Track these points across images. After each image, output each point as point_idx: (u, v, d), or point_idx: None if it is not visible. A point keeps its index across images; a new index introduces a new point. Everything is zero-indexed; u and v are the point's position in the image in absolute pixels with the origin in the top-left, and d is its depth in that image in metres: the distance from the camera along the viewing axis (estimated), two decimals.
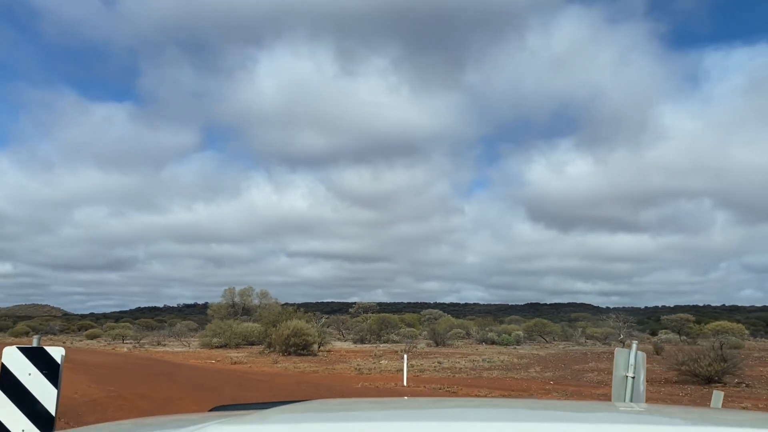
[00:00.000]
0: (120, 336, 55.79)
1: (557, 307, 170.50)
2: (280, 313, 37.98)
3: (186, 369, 26.08)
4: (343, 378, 22.68)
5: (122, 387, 18.70)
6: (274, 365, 28.37)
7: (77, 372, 23.68)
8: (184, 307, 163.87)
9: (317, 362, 30.29)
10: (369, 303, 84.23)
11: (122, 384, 19.58)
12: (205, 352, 40.04)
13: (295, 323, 35.02)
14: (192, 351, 41.28)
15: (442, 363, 29.07)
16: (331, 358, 33.20)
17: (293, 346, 34.28)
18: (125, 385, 19.25)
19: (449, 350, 41.41)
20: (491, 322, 66.61)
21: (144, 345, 47.85)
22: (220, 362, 30.57)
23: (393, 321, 55.67)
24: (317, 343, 36.38)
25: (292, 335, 34.34)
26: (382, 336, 52.28)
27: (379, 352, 34.73)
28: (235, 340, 44.50)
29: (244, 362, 29.63)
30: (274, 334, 35.52)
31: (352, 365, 28.19)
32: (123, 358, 32.93)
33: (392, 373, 24.62)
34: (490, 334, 52.10)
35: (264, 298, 54.62)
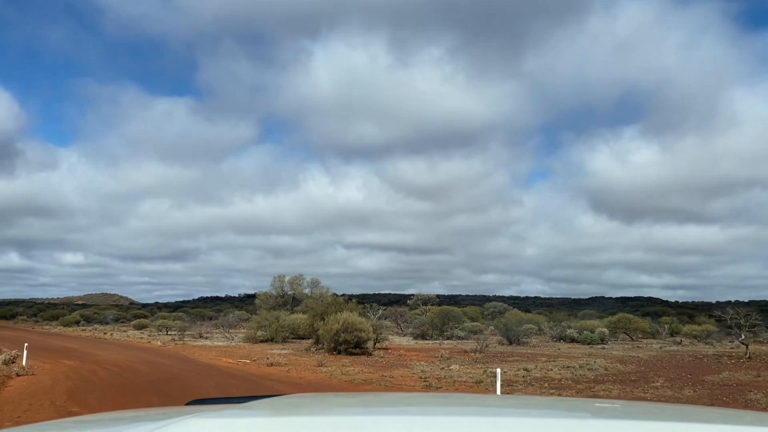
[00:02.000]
0: (164, 327, 50.98)
1: (623, 301, 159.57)
2: (330, 303, 31.76)
3: (204, 376, 20.05)
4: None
5: (93, 406, 12.77)
6: (317, 369, 22.13)
7: (67, 377, 17.97)
8: (245, 297, 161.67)
9: (372, 365, 23.91)
10: (428, 294, 77.64)
11: (96, 402, 13.61)
12: (246, 347, 34.29)
13: (345, 316, 28.75)
14: (233, 346, 35.64)
15: (530, 370, 22.19)
16: (388, 359, 26.76)
17: (343, 344, 28.02)
18: (100, 404, 13.29)
19: (527, 350, 34.38)
20: (564, 317, 58.99)
21: (184, 338, 42.63)
22: (256, 362, 24.59)
23: (456, 314, 48.90)
24: (372, 340, 30.04)
25: (343, 330, 28.09)
26: (444, 331, 45.64)
27: (446, 353, 28.07)
28: (281, 333, 38.76)
29: (283, 364, 23.50)
30: (321, 329, 29.37)
31: (415, 371, 21.68)
32: (142, 355, 27.36)
33: (470, 386, 17.98)
34: (569, 330, 44.72)
35: (315, 287, 48.79)
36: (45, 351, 29.54)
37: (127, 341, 39.37)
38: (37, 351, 29.45)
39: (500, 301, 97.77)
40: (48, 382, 17.55)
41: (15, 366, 20.98)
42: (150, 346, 34.39)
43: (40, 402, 13.66)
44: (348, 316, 28.57)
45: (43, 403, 13.46)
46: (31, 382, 17.41)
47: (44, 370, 20.71)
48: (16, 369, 19.31)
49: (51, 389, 15.91)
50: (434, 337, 44.39)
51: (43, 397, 14.41)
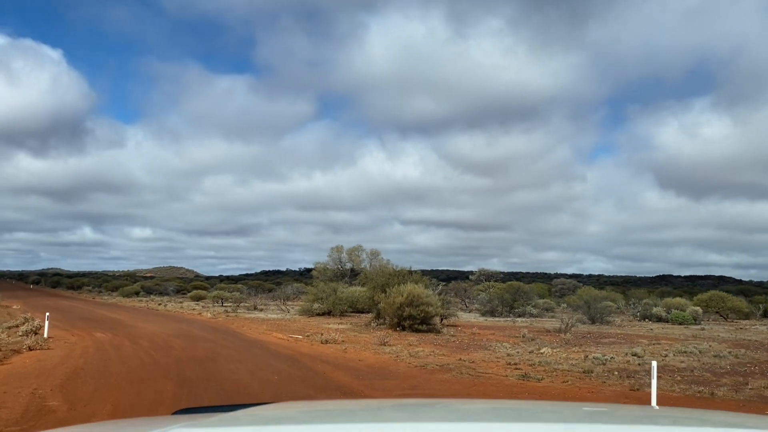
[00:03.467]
0: (218, 298, 48.34)
1: (692, 280, 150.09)
2: (392, 274, 27.78)
3: (244, 356, 16.39)
4: (503, 388, 11.99)
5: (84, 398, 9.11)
6: (379, 349, 18.19)
7: (83, 354, 14.60)
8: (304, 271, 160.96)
9: (443, 345, 19.83)
10: (492, 270, 72.89)
11: (91, 392, 9.97)
12: (300, 321, 30.80)
13: (410, 288, 24.71)
14: (287, 319, 32.25)
15: (641, 356, 17.60)
16: (460, 338, 22.60)
17: (408, 319, 24.01)
18: (93, 396, 9.63)
19: (615, 330, 29.57)
20: (644, 294, 53.42)
21: (238, 310, 39.63)
22: (309, 339, 20.90)
23: (527, 291, 44.24)
24: (440, 316, 25.92)
25: (407, 304, 24.07)
26: (515, 307, 41.11)
27: (528, 333, 23.68)
28: (339, 306, 35.12)
29: (340, 341, 19.68)
30: (383, 302, 25.43)
31: (498, 354, 17.46)
32: (185, 328, 24.11)
33: (578, 377, 13.62)
34: (655, 309, 39.48)
35: (375, 258, 44.97)
36: (85, 321, 26.76)
37: (177, 313, 36.63)
38: (77, 321, 26.71)
39: (555, 279, 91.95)
40: (56, 359, 14.22)
41: (35, 337, 17.92)
42: (198, 318, 31.37)
43: (19, 389, 10.15)
44: (413, 289, 24.53)
45: (22, 392, 9.95)
46: (38, 359, 14.12)
47: (65, 344, 17.54)
48: (29, 342, 16.11)
49: (51, 370, 12.50)
50: (504, 314, 39.96)
51: (30, 382, 10.96)
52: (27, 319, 22.88)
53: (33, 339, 17.32)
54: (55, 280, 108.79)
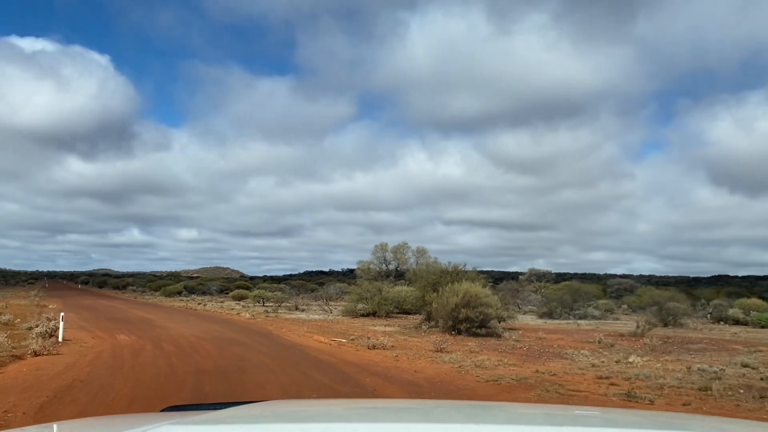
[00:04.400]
0: (259, 298, 46.26)
1: (751, 281, 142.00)
2: (444, 271, 24.94)
3: (280, 365, 13.85)
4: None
5: None
6: (437, 357, 15.44)
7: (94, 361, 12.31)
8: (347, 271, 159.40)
9: (509, 353, 16.96)
10: (543, 270, 69.18)
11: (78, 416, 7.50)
12: (344, 322, 28.26)
13: (466, 287, 21.88)
14: (330, 320, 29.77)
15: (753, 366, 14.36)
16: (526, 343, 19.65)
17: (465, 322, 21.17)
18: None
19: (695, 334, 26.06)
20: (713, 294, 49.20)
21: (278, 310, 37.38)
22: (354, 343, 18.31)
23: (587, 291, 40.75)
24: (499, 318, 22.97)
25: (463, 305, 21.22)
26: (575, 309, 37.75)
27: (603, 337, 20.55)
28: (385, 307, 32.47)
29: (389, 346, 17.00)
30: (435, 302, 22.65)
31: (580, 365, 14.50)
32: (219, 330, 21.79)
33: (694, 396, 10.59)
34: (731, 310, 35.60)
35: (421, 256, 42.16)
36: (113, 322, 24.79)
37: (214, 313, 34.57)
38: (105, 322, 24.75)
39: (610, 279, 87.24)
40: (59, 367, 11.95)
41: (50, 340, 15.81)
42: (236, 319, 29.15)
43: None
44: (470, 287, 21.69)
45: None
46: (37, 368, 11.87)
47: (79, 348, 15.35)
48: (36, 346, 13.92)
49: (44, 382, 10.19)
50: (563, 316, 36.68)
51: (9, 399, 8.64)
52: (49, 319, 20.94)
53: (45, 342, 15.20)
54: (102, 280, 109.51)
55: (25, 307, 34.38)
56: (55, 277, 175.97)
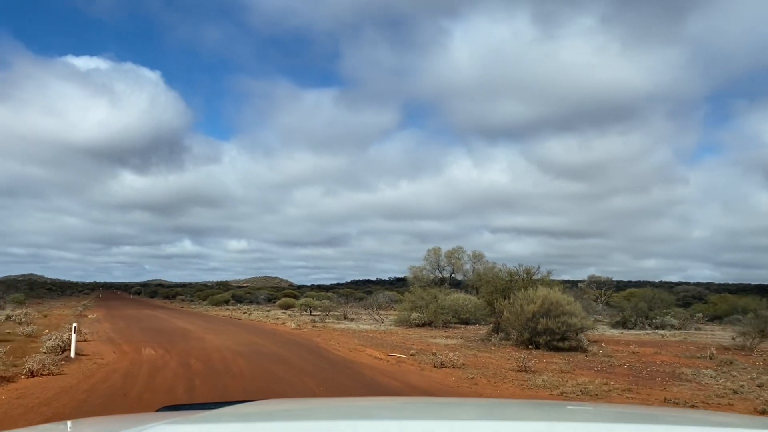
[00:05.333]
0: (306, 306, 43.57)
1: None
2: (513, 277, 21.51)
3: (332, 390, 10.75)
4: None
5: None
6: (524, 379, 12.15)
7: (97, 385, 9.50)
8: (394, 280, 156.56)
9: (610, 372, 13.52)
10: (604, 277, 64.46)
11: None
12: (398, 333, 25.12)
13: (544, 293, 18.48)
14: (382, 330, 26.70)
15: None
16: (622, 359, 16.10)
17: (544, 333, 17.76)
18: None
19: None
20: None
21: (326, 319, 34.49)
22: (416, 359, 15.16)
23: (664, 299, 36.44)
24: (579, 330, 19.39)
25: (542, 313, 17.83)
26: (651, 318, 33.62)
27: (714, 351, 16.83)
28: (442, 316, 29.18)
29: (460, 364, 13.78)
30: (506, 311, 19.29)
31: (715, 390, 10.98)
32: (260, 342, 18.93)
33: None
34: None
35: (478, 261, 38.71)
36: (146, 333, 22.31)
37: (259, 323, 31.91)
38: (137, 333, 22.31)
39: (664, 287, 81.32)
40: (49, 393, 9.25)
41: (62, 354, 13.25)
42: (281, 329, 26.36)
43: None
44: (549, 293, 18.28)
45: None
46: (21, 394, 9.19)
47: (92, 365, 12.69)
48: (34, 364, 11.27)
49: (18, 416, 7.41)
50: (639, 326, 32.65)
51: None
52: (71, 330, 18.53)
53: (54, 358, 12.63)
54: (153, 290, 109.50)
55: (64, 316, 32.51)
56: (111, 287, 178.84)
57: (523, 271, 21.18)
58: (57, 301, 66.41)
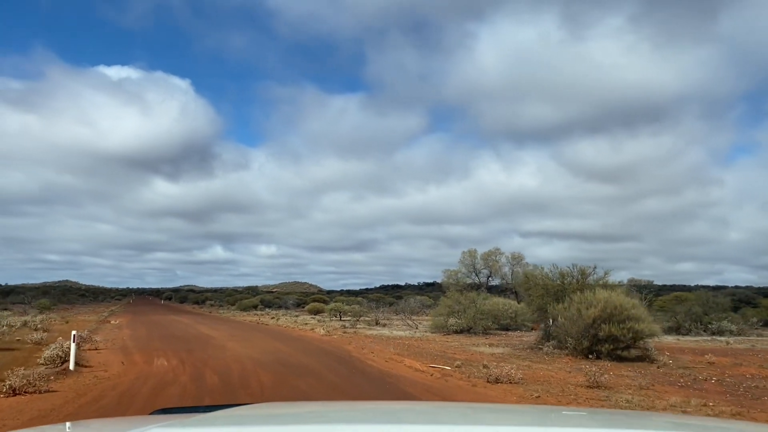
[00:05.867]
0: (336, 311, 41.67)
1: None
2: (565, 279, 19.21)
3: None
4: None
5: None
6: (599, 397, 9.94)
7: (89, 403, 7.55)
8: (424, 286, 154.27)
9: (697, 388, 11.26)
10: (646, 280, 61.22)
11: None
12: (436, 340, 23.01)
13: (605, 295, 16.20)
14: (418, 337, 24.61)
15: None
16: (703, 371, 13.73)
17: (607, 341, 15.48)
18: None
19: None
20: None
21: (357, 324, 32.50)
22: (462, 371, 13.05)
23: (720, 303, 33.56)
24: (645, 337, 17.01)
25: (604, 319, 15.55)
26: (706, 324, 30.87)
27: None
28: (481, 322, 26.99)
29: (517, 380, 11.61)
30: (561, 316, 17.04)
31: None
32: (286, 351, 16.99)
33: None
34: None
35: (517, 263, 36.33)
36: (165, 341, 20.59)
37: (287, 329, 30.05)
38: (156, 341, 20.61)
39: (701, 291, 77.14)
40: (17, 422, 7.35)
41: (63, 366, 11.50)
42: (310, 336, 24.44)
43: None
44: (611, 296, 16.00)
45: None
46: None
47: (89, 381, 10.87)
48: (16, 380, 9.47)
49: None
50: (693, 331, 29.97)
51: None
52: (82, 338, 16.87)
53: (50, 371, 10.88)
54: (184, 296, 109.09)
55: (86, 323, 31.16)
56: (143, 293, 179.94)
57: (577, 271, 18.89)
58: (87, 307, 65.80)
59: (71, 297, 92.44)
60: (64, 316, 35.21)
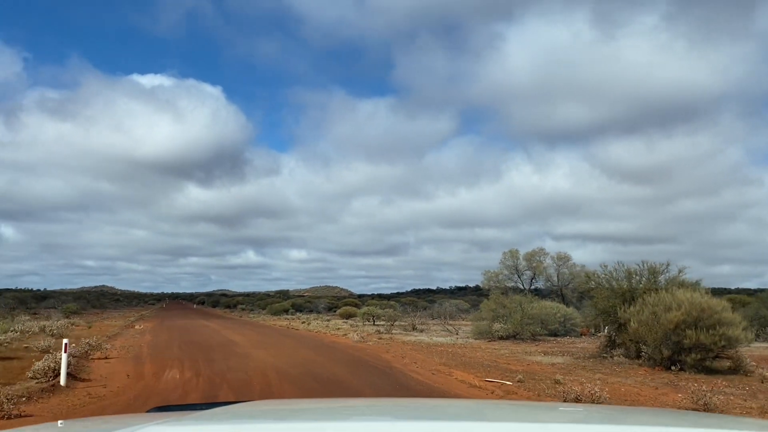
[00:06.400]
0: (369, 315, 39.53)
1: None
2: (632, 279, 16.68)
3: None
4: None
5: None
6: None
7: None
8: (456, 290, 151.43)
9: None
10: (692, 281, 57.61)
11: None
12: (482, 347, 20.71)
13: (686, 296, 13.74)
14: (461, 344, 22.35)
15: None
16: None
17: (693, 350, 13.00)
18: None
19: None
20: None
21: (392, 329, 30.30)
22: (528, 388, 10.79)
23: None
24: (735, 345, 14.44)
25: (689, 324, 13.09)
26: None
27: None
28: (530, 327, 24.59)
29: (601, 397, 9.22)
30: (633, 321, 14.58)
31: None
32: (316, 360, 14.88)
33: None
34: None
35: (564, 264, 33.75)
36: (186, 348, 18.73)
37: (317, 334, 28.03)
38: (176, 348, 18.76)
39: (744, 293, 72.94)
40: None
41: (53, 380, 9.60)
42: (342, 342, 22.36)
43: None
44: (696, 298, 13.53)
45: None
46: None
47: (78, 400, 8.94)
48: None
49: None
50: (762, 337, 27.06)
51: None
52: (91, 345, 15.07)
53: (29, 387, 8.98)
54: (216, 300, 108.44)
55: (109, 327, 29.65)
56: (177, 298, 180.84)
57: (646, 269, 16.40)
58: (118, 312, 64.98)
59: (105, 302, 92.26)
60: (89, 321, 33.85)
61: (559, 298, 33.35)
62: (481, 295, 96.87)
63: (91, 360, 14.26)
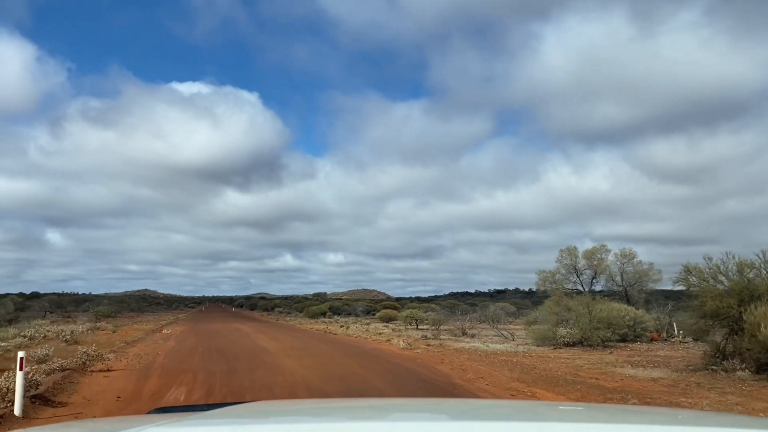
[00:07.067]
0: (411, 318, 36.54)
1: None
2: (745, 274, 13.35)
3: None
4: None
5: None
6: None
7: None
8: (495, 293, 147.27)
9: None
10: None
11: None
12: (549, 355, 17.63)
13: None
14: (523, 351, 19.28)
15: None
16: None
17: None
18: None
19: None
20: None
21: (440, 335, 27.28)
22: None
23: None
24: None
25: None
26: None
27: None
28: (599, 333, 21.35)
29: None
30: (765, 326, 11.30)
31: None
32: (358, 373, 12.00)
33: None
34: None
35: (628, 262, 30.24)
36: (209, 356, 16.17)
37: (358, 339, 25.23)
38: (198, 356, 16.21)
39: None
40: None
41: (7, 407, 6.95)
42: (387, 349, 19.53)
43: None
44: None
45: None
46: None
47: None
48: None
49: None
50: None
51: None
52: (92, 356, 12.56)
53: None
54: (254, 303, 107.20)
55: (135, 331, 27.51)
56: (217, 301, 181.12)
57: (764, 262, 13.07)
58: (155, 315, 63.62)
59: (144, 305, 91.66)
60: (117, 325, 31.88)
61: (624, 299, 29.87)
62: (524, 297, 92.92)
63: (89, 373, 11.77)
